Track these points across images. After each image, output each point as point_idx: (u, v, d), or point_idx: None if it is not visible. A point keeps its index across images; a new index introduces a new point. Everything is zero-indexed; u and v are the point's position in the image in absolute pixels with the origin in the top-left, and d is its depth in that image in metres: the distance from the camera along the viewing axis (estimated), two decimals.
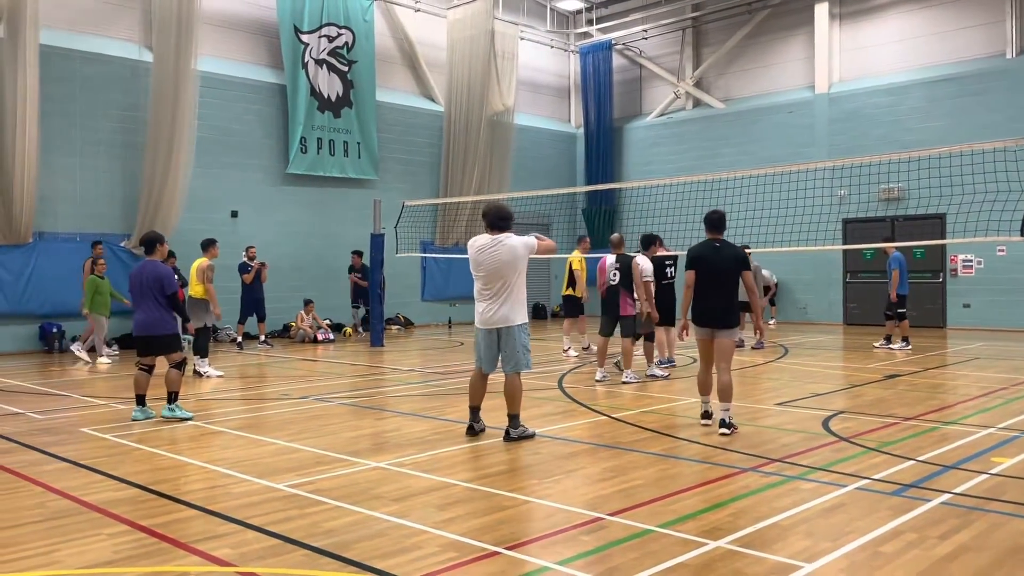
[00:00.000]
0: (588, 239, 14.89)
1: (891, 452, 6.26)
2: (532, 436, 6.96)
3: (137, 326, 8.11)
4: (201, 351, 11.26)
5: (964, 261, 18.24)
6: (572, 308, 13.73)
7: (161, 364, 8.23)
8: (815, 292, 20.24)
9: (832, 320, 19.81)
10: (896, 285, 13.73)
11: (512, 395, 6.89)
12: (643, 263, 10.22)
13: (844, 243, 18.79)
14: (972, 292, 18.11)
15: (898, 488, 5.28)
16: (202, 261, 11.53)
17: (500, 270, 6.75)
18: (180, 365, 8.18)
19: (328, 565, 4.07)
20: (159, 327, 8.00)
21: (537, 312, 23.57)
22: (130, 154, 15.71)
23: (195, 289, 11.45)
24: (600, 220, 23.41)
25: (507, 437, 6.87)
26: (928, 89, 18.67)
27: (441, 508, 5.02)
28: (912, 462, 5.95)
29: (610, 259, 10.54)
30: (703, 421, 7.37)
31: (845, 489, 5.27)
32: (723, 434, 6.92)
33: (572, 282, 13.51)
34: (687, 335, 7.50)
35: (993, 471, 5.67)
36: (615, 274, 10.35)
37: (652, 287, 10.34)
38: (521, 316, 6.84)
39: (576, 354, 13.27)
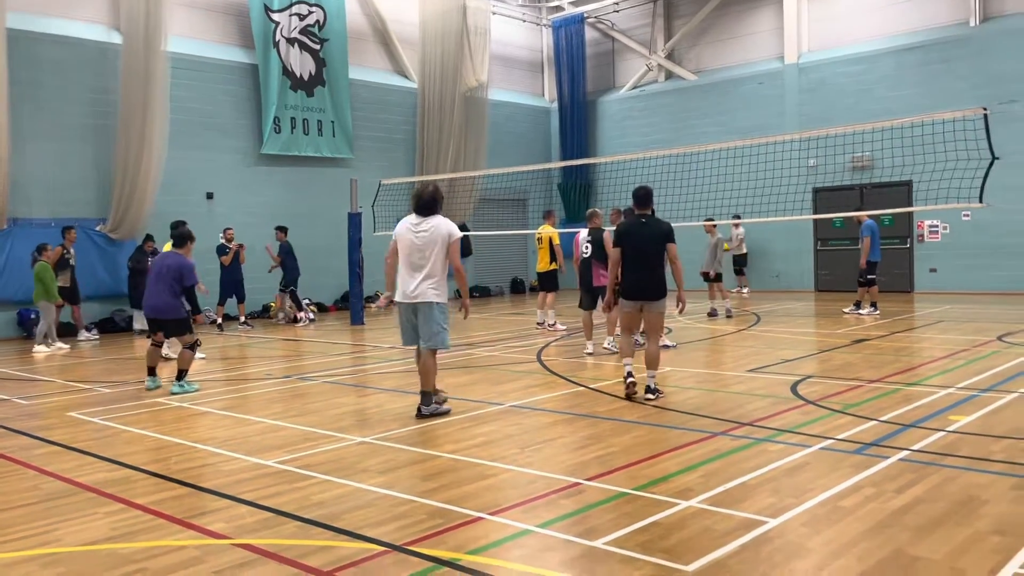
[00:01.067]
0: (554, 213, 15.06)
1: (855, 413, 6.55)
2: (447, 412, 7.11)
3: (148, 309, 8.79)
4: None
5: (931, 227, 18.64)
6: (548, 282, 13.89)
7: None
8: (787, 261, 20.60)
9: (804, 288, 20.21)
10: (866, 252, 14.07)
11: (426, 372, 7.06)
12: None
13: (814, 212, 19.12)
14: (938, 257, 18.54)
15: (860, 447, 5.56)
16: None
17: (425, 248, 6.97)
18: (193, 346, 8.74)
19: (320, 535, 4.27)
20: (169, 312, 8.63)
21: (515, 287, 23.78)
22: (102, 138, 15.63)
23: None
24: (576, 194, 23.59)
25: (419, 414, 7.03)
26: (896, 57, 18.95)
27: (426, 479, 5.23)
28: (874, 422, 6.24)
29: (583, 232, 10.76)
30: (628, 379, 7.52)
31: (809, 449, 5.55)
32: (647, 399, 7.29)
33: (553, 256, 13.65)
34: (608, 310, 8.01)
35: (949, 428, 5.98)
36: (587, 247, 10.59)
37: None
38: (441, 296, 7.01)
39: (564, 327, 13.41)
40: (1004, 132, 15.82)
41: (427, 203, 7.10)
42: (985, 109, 9.86)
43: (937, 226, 18.62)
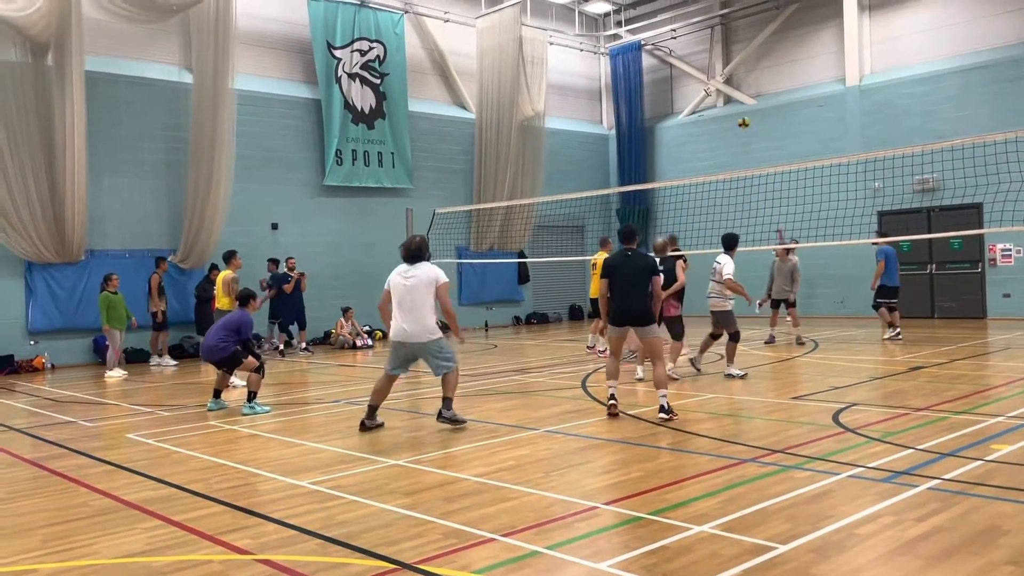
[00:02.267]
0: (611, 240, 15.09)
1: (892, 442, 6.41)
2: (463, 424, 7.74)
3: (203, 350, 9.77)
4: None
5: (1003, 250, 17.98)
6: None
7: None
8: (850, 286, 20.10)
9: (869, 313, 19.63)
10: (879, 276, 14.20)
11: (448, 382, 7.76)
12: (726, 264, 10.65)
13: (878, 236, 18.62)
14: (1012, 282, 17.83)
15: (890, 475, 5.45)
16: (226, 273, 11.98)
17: (414, 293, 7.65)
18: (259, 369, 9.40)
19: (337, 552, 4.42)
20: (217, 353, 9.39)
21: (573, 313, 23.81)
22: (173, 172, 16.45)
23: (222, 301, 11.88)
24: (635, 219, 23.55)
25: (439, 416, 7.77)
26: (961, 77, 18.46)
27: (449, 500, 5.35)
28: (911, 451, 6.10)
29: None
30: (610, 401, 8.05)
31: (836, 477, 5.46)
32: (661, 418, 7.67)
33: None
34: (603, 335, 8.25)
35: (988, 458, 5.80)
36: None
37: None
38: (435, 332, 7.69)
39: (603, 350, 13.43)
40: None
41: (414, 252, 7.89)
42: None
43: (1010, 250, 17.95)
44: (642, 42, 23.91)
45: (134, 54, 16.37)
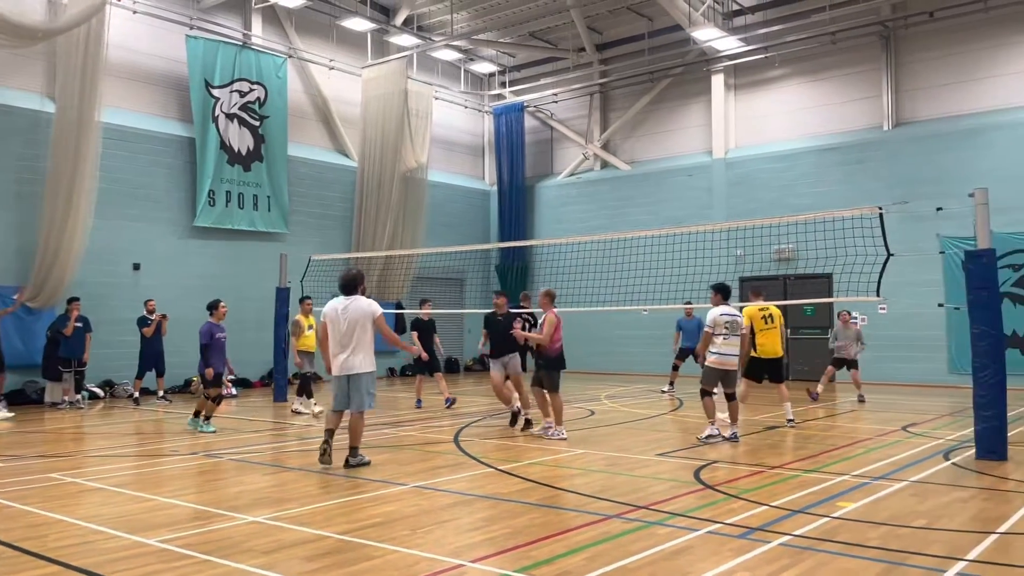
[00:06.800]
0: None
1: (748, 499, 6.66)
2: (367, 464, 8.20)
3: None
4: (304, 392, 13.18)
5: (851, 319, 19.26)
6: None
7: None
8: None
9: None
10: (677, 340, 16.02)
11: (354, 430, 8.19)
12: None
13: (740, 301, 19.61)
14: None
15: (746, 531, 5.65)
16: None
17: (350, 325, 8.04)
18: (213, 398, 10.96)
19: None
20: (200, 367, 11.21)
21: (449, 366, 23.69)
22: (26, 205, 15.40)
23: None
24: (513, 276, 23.88)
25: (347, 464, 8.10)
26: (815, 157, 19.95)
27: (309, 559, 5.14)
28: (765, 507, 6.35)
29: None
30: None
31: (696, 533, 5.62)
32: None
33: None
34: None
35: (835, 515, 6.12)
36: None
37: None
38: (367, 366, 8.08)
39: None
40: (914, 230, 16.71)
41: (347, 284, 8.23)
42: (880, 208, 10.40)
43: (856, 318, 19.26)
44: (524, 103, 24.60)
45: None
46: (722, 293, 10.30)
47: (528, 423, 10.94)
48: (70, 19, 15.02)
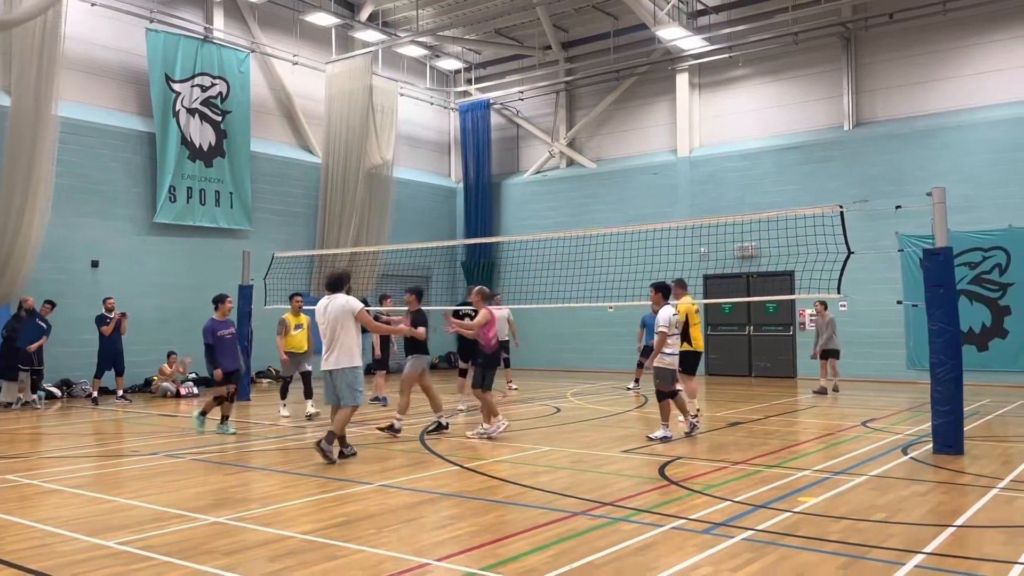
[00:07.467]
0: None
1: (712, 494, 6.73)
2: (354, 455, 8.63)
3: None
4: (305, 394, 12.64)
5: (811, 315, 19.54)
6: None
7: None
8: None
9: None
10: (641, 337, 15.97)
11: (338, 420, 8.48)
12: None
13: (705, 298, 19.83)
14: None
15: (709, 527, 5.71)
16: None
17: (331, 323, 8.39)
18: (216, 398, 10.76)
19: None
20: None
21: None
22: None
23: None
24: (479, 273, 23.83)
25: (318, 444, 8.31)
26: (777, 156, 20.19)
27: (272, 560, 5.08)
28: (728, 503, 6.42)
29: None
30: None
31: (661, 529, 5.66)
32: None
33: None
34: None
35: (796, 510, 6.20)
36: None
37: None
38: (346, 362, 8.36)
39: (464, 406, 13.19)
40: (874, 228, 17.00)
41: (331, 282, 8.58)
42: (841, 207, 10.55)
43: (817, 315, 19.54)
44: (490, 101, 24.56)
45: None
46: (663, 292, 10.20)
47: (440, 426, 10.72)
48: (25, 11, 14.67)
